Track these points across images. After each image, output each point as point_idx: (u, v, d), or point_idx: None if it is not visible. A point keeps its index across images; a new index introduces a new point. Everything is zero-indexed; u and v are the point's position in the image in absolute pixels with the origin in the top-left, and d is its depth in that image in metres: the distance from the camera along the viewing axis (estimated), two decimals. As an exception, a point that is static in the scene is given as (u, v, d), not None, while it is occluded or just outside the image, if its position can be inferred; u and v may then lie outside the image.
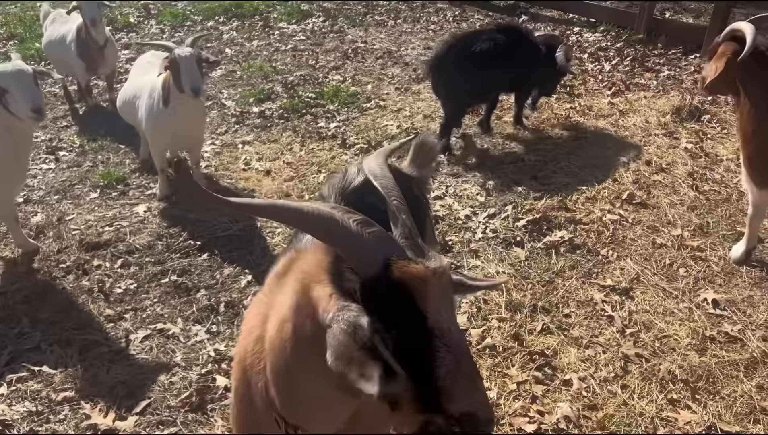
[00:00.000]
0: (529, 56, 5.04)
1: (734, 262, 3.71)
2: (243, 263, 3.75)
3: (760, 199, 3.50)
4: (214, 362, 3.04)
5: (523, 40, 5.06)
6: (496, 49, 4.82)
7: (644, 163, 4.77)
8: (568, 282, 3.56)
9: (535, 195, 4.39)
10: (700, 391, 2.87)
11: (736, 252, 3.73)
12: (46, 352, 3.13)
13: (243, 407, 1.65)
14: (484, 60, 4.78)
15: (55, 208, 4.42)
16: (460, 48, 4.87)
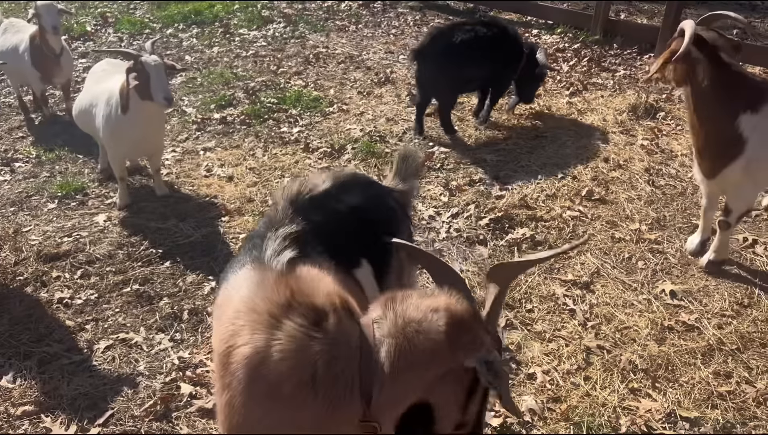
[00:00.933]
0: (510, 51, 5.21)
1: (690, 253, 3.81)
2: (206, 270, 3.72)
3: (710, 190, 3.61)
4: (179, 370, 3.01)
5: (505, 35, 5.21)
6: (478, 42, 5.01)
7: (602, 161, 4.88)
8: (530, 278, 3.61)
9: (497, 194, 4.45)
10: (659, 380, 2.94)
11: (691, 244, 3.84)
12: (4, 366, 3.05)
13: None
14: (466, 50, 4.96)
15: (11, 220, 4.32)
16: (444, 38, 5.06)
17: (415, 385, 1.61)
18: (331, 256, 1.88)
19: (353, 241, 2.09)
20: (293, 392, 1.56)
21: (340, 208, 2.12)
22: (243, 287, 1.73)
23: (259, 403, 1.60)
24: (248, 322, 1.62)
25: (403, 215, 2.39)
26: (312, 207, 2.04)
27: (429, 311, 1.64)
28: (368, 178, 2.39)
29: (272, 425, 1.61)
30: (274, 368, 1.56)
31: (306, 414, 1.58)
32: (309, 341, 1.57)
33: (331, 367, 1.56)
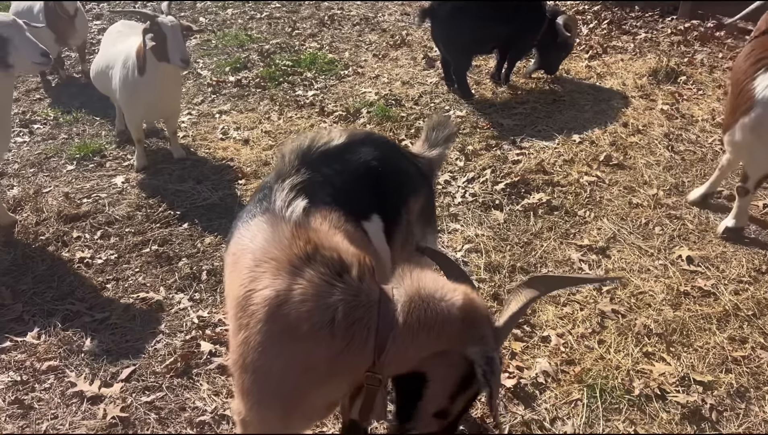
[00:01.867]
0: (528, 15, 5.14)
1: (690, 202, 3.90)
2: (224, 232, 3.75)
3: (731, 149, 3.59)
4: (198, 329, 3.06)
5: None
6: (493, 3, 4.96)
7: (621, 125, 4.82)
8: (546, 243, 3.61)
9: (513, 159, 4.43)
10: (674, 344, 2.95)
11: (694, 193, 3.93)
12: (28, 323, 3.13)
13: (290, 368, 1.69)
14: (479, 12, 4.90)
15: (31, 181, 4.37)
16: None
17: (422, 348, 1.67)
18: (340, 207, 1.89)
19: (365, 195, 2.09)
20: (310, 334, 1.61)
21: (354, 163, 2.12)
22: (258, 237, 1.76)
23: (275, 341, 1.65)
24: (269, 269, 1.67)
25: (423, 181, 2.38)
26: (324, 160, 2.04)
27: (448, 289, 1.72)
28: (384, 138, 2.37)
29: (285, 364, 1.67)
30: (294, 310, 1.61)
31: (320, 356, 1.64)
32: (331, 288, 1.62)
33: (350, 314, 1.62)
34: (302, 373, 1.68)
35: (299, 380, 1.68)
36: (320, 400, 1.78)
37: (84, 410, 2.66)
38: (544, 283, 1.82)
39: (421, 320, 1.65)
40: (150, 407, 2.67)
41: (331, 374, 1.69)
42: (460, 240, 3.64)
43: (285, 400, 1.72)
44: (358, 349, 1.64)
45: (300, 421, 1.90)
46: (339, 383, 1.74)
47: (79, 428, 2.58)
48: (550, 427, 2.57)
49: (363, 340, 1.63)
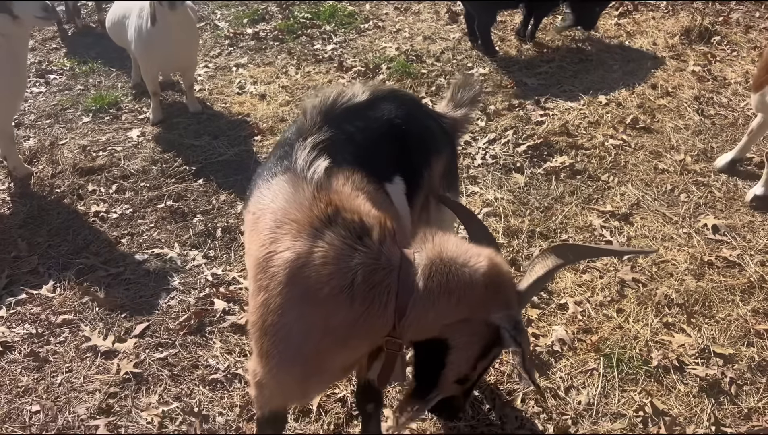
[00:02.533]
0: None
1: (718, 169, 3.77)
2: (239, 189, 3.71)
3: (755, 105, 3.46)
4: (212, 286, 3.05)
5: None
6: None
7: (650, 87, 4.65)
8: (567, 208, 3.52)
9: (537, 120, 4.30)
10: (695, 315, 2.88)
11: (721, 160, 3.80)
12: (44, 276, 3.13)
13: (308, 330, 1.68)
14: None
15: (47, 132, 4.34)
16: None
17: (443, 314, 1.64)
18: (363, 167, 1.83)
19: (387, 155, 2.03)
20: (330, 297, 1.59)
21: (377, 121, 2.05)
22: (279, 197, 1.72)
23: (295, 305, 1.63)
24: (290, 231, 1.64)
25: (447, 142, 2.29)
26: (347, 117, 1.97)
27: (472, 253, 1.67)
28: (409, 95, 2.28)
29: (305, 328, 1.64)
30: (314, 273, 1.59)
31: (339, 319, 1.61)
32: (352, 252, 1.59)
33: (370, 278, 1.59)
34: (322, 336, 1.65)
35: (319, 344, 1.66)
36: (339, 363, 1.76)
37: (98, 365, 2.68)
38: (572, 251, 1.76)
39: (442, 285, 1.61)
40: (163, 364, 2.67)
41: (350, 338, 1.66)
42: (478, 203, 3.56)
43: (304, 365, 1.70)
44: (377, 313, 1.61)
45: (317, 384, 1.89)
46: (358, 347, 1.72)
47: (93, 382, 2.59)
48: (565, 396, 2.54)
49: (383, 304, 1.60)
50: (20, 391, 2.57)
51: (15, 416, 2.47)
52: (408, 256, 1.65)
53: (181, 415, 2.46)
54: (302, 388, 1.81)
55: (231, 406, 2.50)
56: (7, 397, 2.54)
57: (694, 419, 2.45)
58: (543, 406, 2.50)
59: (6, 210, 3.60)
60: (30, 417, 2.47)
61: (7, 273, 3.13)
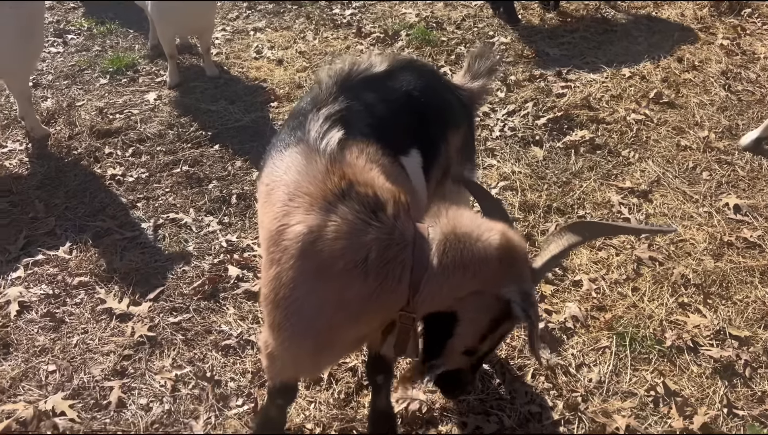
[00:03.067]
0: None
1: (742, 147, 3.69)
2: (254, 156, 3.69)
3: None
4: (226, 253, 3.06)
5: None
6: None
7: (675, 60, 4.53)
8: (585, 183, 3.47)
9: (558, 92, 4.21)
10: (712, 296, 2.85)
11: (747, 138, 3.71)
12: (61, 237, 3.16)
13: (319, 304, 1.68)
14: None
15: (64, 93, 4.33)
16: None
17: (457, 288, 1.63)
18: (378, 140, 1.80)
19: (404, 127, 1.99)
20: (344, 272, 1.58)
21: (395, 92, 2.01)
22: (291, 170, 1.71)
23: (307, 279, 1.62)
24: (302, 204, 1.63)
25: (464, 114, 2.25)
26: (364, 88, 1.94)
27: (485, 228, 1.66)
28: (428, 66, 2.23)
29: (317, 302, 1.64)
30: (328, 247, 1.58)
31: (353, 294, 1.61)
32: (366, 227, 1.58)
33: (384, 253, 1.58)
34: (335, 311, 1.65)
35: (332, 318, 1.66)
36: (351, 337, 1.77)
37: (113, 327, 2.71)
38: (589, 229, 1.74)
39: (456, 260, 1.61)
40: (177, 328, 2.70)
41: (363, 313, 1.66)
42: (495, 176, 3.52)
43: (316, 338, 1.70)
44: (391, 288, 1.60)
45: (329, 358, 1.90)
46: (371, 321, 1.72)
47: (108, 344, 2.63)
48: (576, 373, 2.54)
49: (396, 279, 1.59)
50: (37, 350, 2.61)
51: (32, 375, 2.52)
52: (422, 231, 1.64)
53: (193, 380, 2.49)
54: (314, 361, 1.82)
55: (243, 372, 2.52)
56: (24, 356, 2.58)
57: (705, 401, 2.44)
58: (553, 383, 2.50)
59: (24, 171, 3.62)
60: (46, 376, 2.51)
61: (24, 234, 3.16)
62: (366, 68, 1.98)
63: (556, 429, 2.34)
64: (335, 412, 2.37)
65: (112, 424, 2.34)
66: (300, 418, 2.35)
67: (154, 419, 2.36)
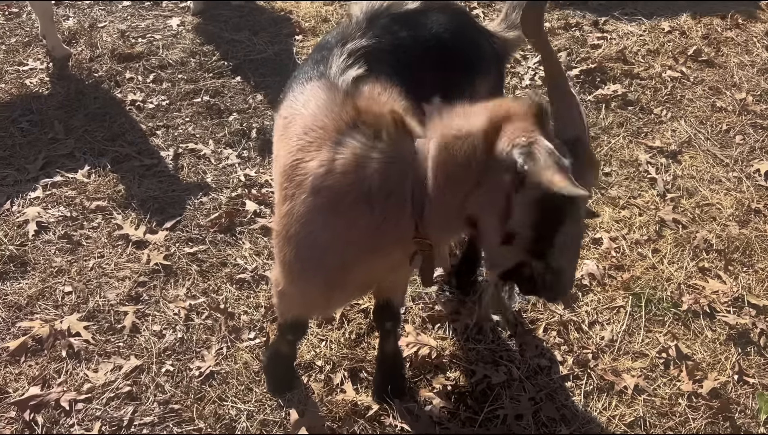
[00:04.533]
0: None
1: None
2: (276, 90, 3.61)
3: None
4: (244, 187, 3.04)
5: None
6: None
7: (719, 17, 4.33)
8: (614, 139, 3.38)
9: (593, 42, 4.06)
10: (733, 263, 2.80)
11: None
12: (79, 160, 3.15)
13: (326, 242, 1.64)
14: None
15: (86, 13, 4.25)
16: None
17: (456, 197, 1.52)
18: (402, 82, 1.74)
19: (430, 71, 1.92)
20: (351, 207, 1.56)
21: (424, 33, 1.94)
22: (311, 104, 1.67)
23: (319, 214, 1.60)
24: (316, 139, 1.60)
25: (494, 62, 2.16)
26: (394, 25, 1.87)
27: (472, 113, 1.52)
28: (461, 8, 2.14)
29: (328, 238, 1.63)
30: (337, 182, 1.55)
31: (361, 229, 1.59)
32: (368, 158, 1.54)
33: (385, 183, 1.54)
34: (345, 247, 1.63)
35: (342, 255, 1.65)
36: (363, 275, 1.74)
37: (129, 253, 2.72)
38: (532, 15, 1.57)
39: (449, 171, 1.48)
40: (192, 259, 2.70)
41: (374, 248, 1.64)
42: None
43: (327, 274, 1.69)
44: (395, 218, 1.56)
45: (340, 296, 1.88)
46: (384, 257, 1.68)
47: (124, 270, 2.64)
48: (588, 330, 2.52)
49: (399, 208, 1.55)
50: (54, 271, 2.63)
51: (48, 295, 2.55)
52: (422, 149, 1.53)
53: (207, 310, 2.51)
54: (324, 299, 1.81)
55: (256, 306, 2.54)
56: (41, 276, 2.61)
57: (717, 366, 2.42)
58: (565, 338, 2.49)
59: (44, 90, 3.58)
60: (62, 297, 2.54)
61: (44, 154, 3.15)
62: (398, 5, 1.91)
63: (564, 383, 2.34)
64: (345, 351, 2.38)
65: (125, 348, 2.38)
66: (310, 354, 2.37)
67: (167, 346, 2.39)
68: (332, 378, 2.30)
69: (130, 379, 2.27)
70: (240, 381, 2.28)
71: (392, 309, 2.09)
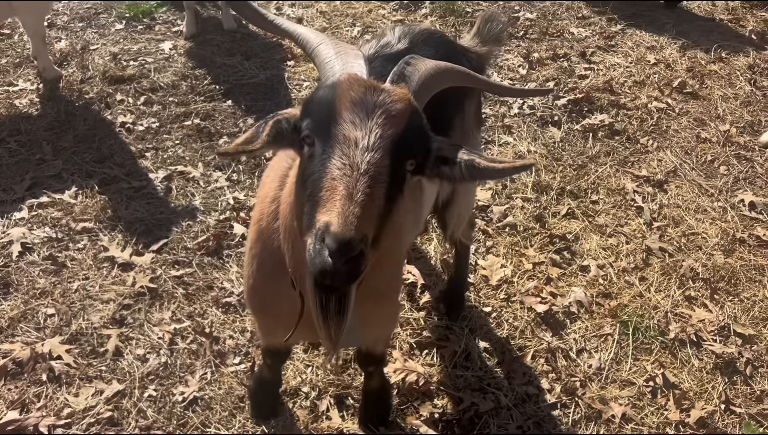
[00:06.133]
0: None
1: (763, 144, 3.62)
2: (267, 114, 3.61)
3: None
4: (233, 210, 3.03)
5: None
6: None
7: (702, 51, 4.42)
8: (601, 168, 3.41)
9: (580, 73, 4.13)
10: (719, 292, 2.81)
11: (767, 136, 3.64)
12: (67, 181, 3.13)
13: (254, 267, 1.68)
14: None
15: (79, 36, 4.26)
16: None
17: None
18: None
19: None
20: (274, 235, 1.59)
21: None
22: None
23: (256, 245, 1.67)
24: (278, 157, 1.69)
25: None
26: (386, 65, 1.88)
27: None
28: (443, 36, 2.19)
29: (258, 265, 1.70)
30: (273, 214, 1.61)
31: (273, 258, 1.60)
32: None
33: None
34: (270, 274, 1.66)
35: (266, 281, 1.69)
36: (283, 301, 1.66)
37: (114, 275, 2.69)
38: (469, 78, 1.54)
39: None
40: (178, 281, 2.68)
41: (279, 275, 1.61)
42: (510, 154, 3.46)
43: (259, 300, 1.77)
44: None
45: (276, 325, 1.80)
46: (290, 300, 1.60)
47: (109, 292, 2.61)
48: (576, 358, 2.51)
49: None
50: (37, 292, 2.59)
51: (30, 316, 2.51)
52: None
53: (192, 334, 2.48)
54: (264, 327, 1.87)
55: (242, 330, 2.51)
56: (23, 298, 2.57)
57: (704, 395, 2.42)
58: (552, 366, 2.48)
59: (34, 111, 3.57)
60: (45, 319, 2.50)
61: (31, 175, 3.13)
62: (384, 46, 1.97)
63: (552, 411, 2.33)
64: (332, 377, 2.36)
65: (107, 372, 2.33)
66: (296, 381, 2.34)
67: (150, 370, 2.35)
68: (318, 404, 2.27)
69: (111, 404, 2.23)
70: (224, 407, 2.25)
71: (374, 356, 2.06)
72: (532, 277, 2.82)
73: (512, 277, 2.80)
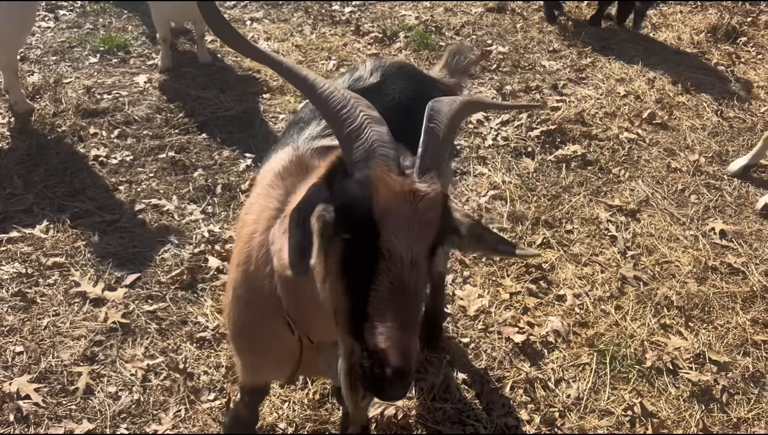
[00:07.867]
0: None
1: (731, 174, 3.71)
2: (243, 146, 3.63)
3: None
4: (208, 243, 2.99)
5: None
6: None
7: (670, 83, 4.54)
8: (575, 198, 3.46)
9: (552, 105, 4.20)
10: (693, 319, 2.84)
11: (735, 165, 3.74)
12: (38, 216, 3.07)
13: (241, 309, 1.64)
14: None
15: (52, 69, 4.23)
16: None
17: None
18: None
19: (400, 133, 1.96)
20: (257, 276, 1.55)
21: (388, 102, 1.99)
22: (277, 165, 1.69)
23: (240, 282, 1.62)
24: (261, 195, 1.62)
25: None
26: None
27: None
28: (416, 69, 2.22)
29: (239, 304, 1.66)
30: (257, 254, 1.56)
31: (256, 299, 1.58)
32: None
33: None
34: (249, 311, 1.64)
35: (246, 319, 1.66)
36: (272, 344, 1.67)
37: (86, 311, 2.63)
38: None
39: None
40: (151, 316, 2.63)
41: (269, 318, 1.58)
42: (485, 185, 3.49)
43: (239, 342, 1.75)
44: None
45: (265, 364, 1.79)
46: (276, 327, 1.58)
47: (80, 328, 2.55)
48: (554, 388, 2.51)
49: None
50: (5, 330, 2.52)
51: (-2, 355, 2.43)
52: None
53: (165, 370, 2.42)
54: (249, 366, 1.82)
55: (217, 365, 2.46)
56: (-9, 335, 2.50)
57: (682, 423, 2.42)
58: (531, 396, 2.47)
59: (5, 144, 3.52)
60: (13, 357, 2.43)
61: (0, 209, 3.07)
62: (357, 79, 1.99)
63: (532, 443, 2.31)
64: (309, 412, 2.32)
65: (77, 411, 2.27)
66: (273, 417, 2.29)
67: (122, 409, 2.29)
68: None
69: (81, 445, 2.16)
70: (198, 445, 2.19)
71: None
72: (509, 306, 2.82)
73: (490, 307, 2.80)
